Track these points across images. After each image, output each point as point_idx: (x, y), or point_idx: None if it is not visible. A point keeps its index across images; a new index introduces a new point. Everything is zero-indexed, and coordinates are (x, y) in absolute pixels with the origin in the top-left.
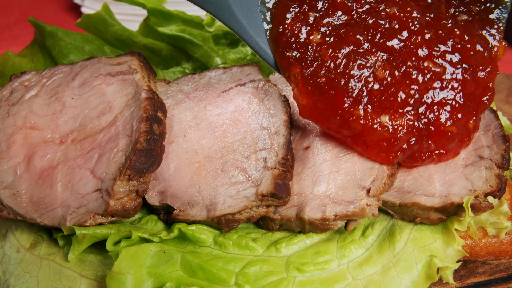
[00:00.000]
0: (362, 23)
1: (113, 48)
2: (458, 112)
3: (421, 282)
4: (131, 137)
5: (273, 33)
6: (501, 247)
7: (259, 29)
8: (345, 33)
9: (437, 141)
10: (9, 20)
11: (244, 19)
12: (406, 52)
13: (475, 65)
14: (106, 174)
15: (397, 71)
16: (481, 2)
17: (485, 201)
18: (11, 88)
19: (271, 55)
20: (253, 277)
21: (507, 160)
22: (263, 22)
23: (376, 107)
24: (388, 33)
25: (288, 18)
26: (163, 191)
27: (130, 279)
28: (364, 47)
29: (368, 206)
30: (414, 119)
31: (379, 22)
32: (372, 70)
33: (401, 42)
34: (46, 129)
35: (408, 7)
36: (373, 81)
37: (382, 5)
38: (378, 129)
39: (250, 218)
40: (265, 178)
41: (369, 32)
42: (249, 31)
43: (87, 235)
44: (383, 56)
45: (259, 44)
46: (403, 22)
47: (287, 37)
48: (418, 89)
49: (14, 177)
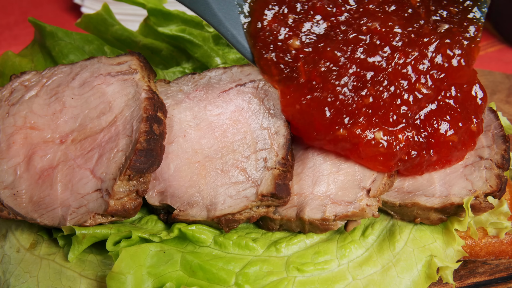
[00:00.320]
0: (343, 37)
1: (113, 48)
2: (457, 120)
3: (421, 281)
4: (131, 137)
5: (251, 28)
6: (501, 247)
7: (236, 22)
8: (324, 47)
9: (439, 152)
10: (9, 20)
11: (220, 11)
12: (392, 73)
13: (458, 78)
14: (106, 174)
15: (385, 92)
16: (459, 2)
17: (485, 201)
18: (11, 88)
19: (248, 49)
20: (253, 277)
21: (507, 160)
22: (240, 15)
23: (365, 126)
24: (369, 49)
25: (267, 15)
26: (163, 191)
27: (130, 279)
28: (346, 66)
29: (368, 207)
30: (412, 133)
31: (360, 37)
32: (351, 89)
33: (383, 60)
34: (46, 129)
35: (390, 21)
36: (358, 101)
37: (363, 19)
38: (372, 144)
39: (250, 218)
40: (265, 178)
41: (348, 48)
42: (225, 23)
43: (87, 235)
44: (365, 75)
45: (236, 37)
46: (385, 37)
47: (265, 36)
48: (410, 108)
49: (14, 177)
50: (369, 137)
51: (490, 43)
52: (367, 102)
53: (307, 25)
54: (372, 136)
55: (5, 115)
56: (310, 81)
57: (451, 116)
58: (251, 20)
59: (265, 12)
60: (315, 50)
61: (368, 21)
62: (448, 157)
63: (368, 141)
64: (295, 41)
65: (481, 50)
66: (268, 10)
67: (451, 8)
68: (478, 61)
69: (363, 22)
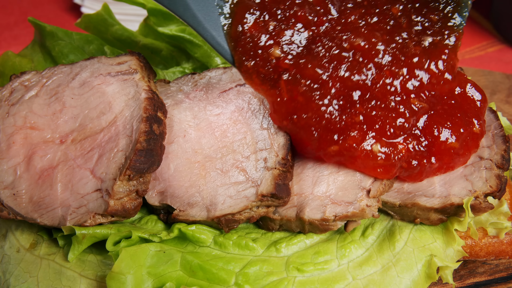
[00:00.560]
0: (325, 54)
1: (113, 48)
2: (458, 126)
3: (421, 281)
4: (131, 137)
5: (232, 30)
6: (501, 247)
7: (215, 23)
8: (305, 64)
9: (441, 159)
10: (9, 20)
11: (199, 12)
12: (380, 92)
13: (448, 88)
14: (106, 174)
15: (376, 109)
16: (439, 9)
17: (485, 202)
18: (11, 88)
19: (228, 50)
20: (253, 277)
21: (507, 160)
22: (220, 16)
23: (360, 139)
24: (352, 67)
25: (248, 19)
26: (163, 191)
27: (130, 279)
28: (329, 85)
29: (368, 207)
30: (413, 143)
31: (343, 54)
32: (337, 108)
33: (368, 79)
34: (46, 129)
35: (373, 37)
36: (347, 119)
37: (346, 34)
38: (370, 157)
39: (250, 218)
40: (265, 178)
41: (331, 65)
42: (204, 24)
43: (87, 235)
44: (351, 94)
45: (215, 39)
46: (369, 55)
47: (246, 42)
48: (407, 120)
49: (14, 177)
50: (366, 150)
51: (490, 43)
52: (358, 120)
53: (288, 33)
54: (370, 149)
55: (5, 115)
56: (293, 99)
57: (451, 122)
58: (232, 22)
59: (246, 15)
60: (296, 66)
61: (351, 36)
62: (450, 163)
63: (366, 154)
64: (276, 49)
65: (481, 50)
66: (249, 14)
67: (432, 16)
68: (478, 61)
69: (346, 38)
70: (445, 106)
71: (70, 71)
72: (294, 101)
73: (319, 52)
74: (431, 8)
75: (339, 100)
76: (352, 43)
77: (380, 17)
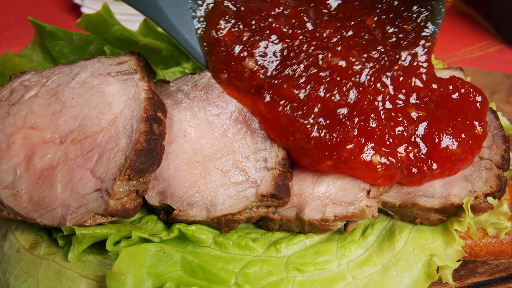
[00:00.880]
0: (301, 73)
1: (113, 48)
2: (459, 131)
3: (421, 281)
4: (131, 137)
5: (206, 35)
6: (501, 247)
7: (189, 27)
8: (281, 84)
9: (442, 165)
10: (9, 20)
11: (172, 16)
12: (368, 108)
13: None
14: (106, 174)
15: (370, 122)
16: (412, 19)
17: (485, 202)
18: (11, 88)
19: (202, 54)
20: (253, 277)
21: (507, 160)
22: (194, 19)
23: (357, 152)
24: (332, 88)
25: (223, 27)
26: (163, 191)
27: (130, 279)
28: (310, 105)
29: (368, 207)
30: (413, 151)
31: (320, 75)
32: (325, 125)
33: (351, 99)
34: (46, 129)
35: (351, 56)
36: (339, 136)
37: (323, 52)
38: (370, 167)
39: (250, 219)
40: (265, 179)
41: (307, 86)
42: (177, 28)
43: (87, 235)
44: (337, 113)
45: (188, 42)
46: (347, 75)
47: (220, 51)
48: (406, 129)
49: (14, 177)
50: (366, 161)
51: (490, 43)
52: (352, 135)
53: (262, 44)
54: (369, 160)
55: (5, 115)
56: (276, 119)
57: (452, 128)
58: (206, 27)
59: (220, 22)
60: (273, 87)
61: (328, 55)
62: (453, 169)
63: (366, 165)
64: (250, 61)
65: (481, 50)
66: (224, 21)
67: (405, 26)
68: (478, 61)
69: (323, 57)
70: (445, 111)
71: (70, 71)
72: (277, 121)
73: (295, 70)
74: (405, 18)
75: (325, 119)
76: (329, 62)
77: (355, 30)
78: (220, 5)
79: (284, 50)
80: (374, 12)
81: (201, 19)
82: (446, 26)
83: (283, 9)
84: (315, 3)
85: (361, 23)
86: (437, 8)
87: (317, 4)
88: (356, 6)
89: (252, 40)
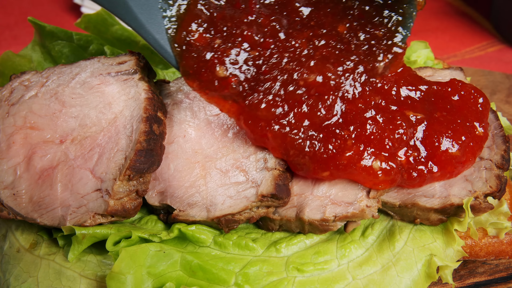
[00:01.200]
0: (278, 92)
1: (113, 48)
2: (460, 134)
3: (421, 281)
4: (131, 137)
5: (177, 37)
6: (501, 247)
7: (159, 26)
8: (257, 105)
9: (443, 168)
10: (9, 20)
11: (141, 15)
12: (359, 116)
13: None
14: (106, 174)
15: (366, 129)
16: (383, 24)
17: (485, 202)
18: (11, 88)
19: (172, 55)
20: (253, 277)
21: (507, 160)
22: (164, 19)
23: (357, 159)
24: (314, 104)
25: (194, 29)
26: (163, 191)
27: (130, 279)
28: (296, 123)
29: (367, 208)
30: (413, 155)
31: (298, 92)
32: (320, 138)
33: (335, 110)
34: (46, 129)
35: (327, 71)
36: (335, 148)
37: (298, 68)
38: (371, 173)
39: (250, 219)
40: (265, 179)
41: (285, 105)
42: (147, 27)
43: (87, 235)
44: (328, 126)
45: (158, 42)
46: (325, 91)
47: (191, 56)
48: (405, 132)
49: (14, 177)
50: (366, 167)
51: (490, 43)
52: (350, 143)
53: (233, 51)
54: (369, 165)
55: (5, 115)
56: (264, 136)
57: (452, 130)
58: (177, 28)
59: (192, 25)
60: (250, 107)
61: (303, 71)
62: (454, 171)
63: (366, 172)
64: (222, 69)
65: (481, 50)
66: (196, 25)
67: (377, 32)
68: (478, 61)
69: (299, 73)
70: (444, 112)
71: (70, 71)
72: (264, 137)
73: (271, 88)
74: (376, 24)
75: (317, 133)
76: (306, 80)
77: (328, 39)
78: (193, 7)
79: (257, 59)
80: (346, 18)
81: (172, 19)
82: (446, 26)
83: (256, 17)
84: (288, 12)
85: (333, 31)
86: (408, 11)
87: (290, 13)
88: (329, 13)
89: (224, 47)
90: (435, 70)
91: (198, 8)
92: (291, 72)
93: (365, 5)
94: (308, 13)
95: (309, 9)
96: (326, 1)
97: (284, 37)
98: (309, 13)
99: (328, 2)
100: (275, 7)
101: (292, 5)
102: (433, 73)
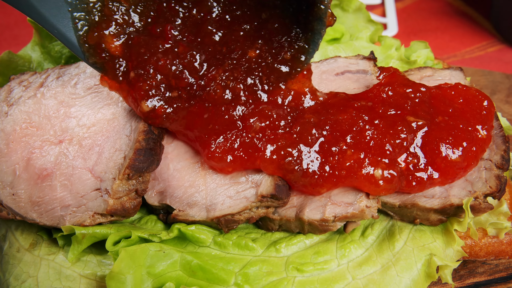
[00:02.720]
0: (232, 138)
1: None
2: (461, 139)
3: (421, 280)
4: (130, 137)
5: (89, 34)
6: (501, 247)
7: (63, 19)
8: (213, 152)
9: (444, 175)
10: (9, 20)
11: (43, 8)
12: (344, 131)
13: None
14: (105, 173)
15: (358, 141)
16: (291, 45)
17: (484, 202)
18: (10, 88)
19: (78, 47)
20: (253, 277)
21: (506, 160)
22: (73, 12)
23: (359, 168)
24: (276, 141)
25: (106, 31)
26: (163, 191)
27: (130, 279)
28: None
29: (367, 208)
30: (413, 162)
31: (254, 141)
32: (317, 157)
33: (315, 137)
34: (45, 129)
35: (264, 117)
36: (333, 165)
37: (241, 109)
38: (373, 182)
39: (249, 219)
40: (264, 179)
41: (243, 150)
42: (51, 20)
43: (86, 235)
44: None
45: (64, 35)
46: (272, 129)
47: (103, 59)
48: (405, 138)
49: (13, 177)
50: (367, 175)
51: (490, 43)
52: (349, 153)
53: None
54: (371, 173)
55: (5, 115)
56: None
57: (453, 136)
58: (88, 29)
59: (103, 26)
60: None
61: (250, 117)
62: (455, 177)
63: (368, 181)
64: (144, 103)
65: (481, 50)
66: (108, 30)
67: (284, 54)
68: (478, 61)
69: (245, 121)
70: (445, 117)
71: (69, 72)
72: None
73: (218, 135)
74: (283, 46)
75: (313, 155)
76: (255, 129)
77: (238, 65)
78: (107, 10)
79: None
80: (256, 42)
81: (82, 13)
82: (446, 26)
83: (172, 45)
84: (202, 43)
85: (243, 57)
86: (317, 28)
87: (203, 38)
88: (240, 36)
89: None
90: (435, 70)
91: (111, 9)
92: (234, 121)
93: (272, 23)
94: (219, 38)
95: (219, 34)
96: (240, 21)
97: (199, 68)
98: (220, 37)
99: (242, 21)
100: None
101: (205, 29)
102: (433, 73)
